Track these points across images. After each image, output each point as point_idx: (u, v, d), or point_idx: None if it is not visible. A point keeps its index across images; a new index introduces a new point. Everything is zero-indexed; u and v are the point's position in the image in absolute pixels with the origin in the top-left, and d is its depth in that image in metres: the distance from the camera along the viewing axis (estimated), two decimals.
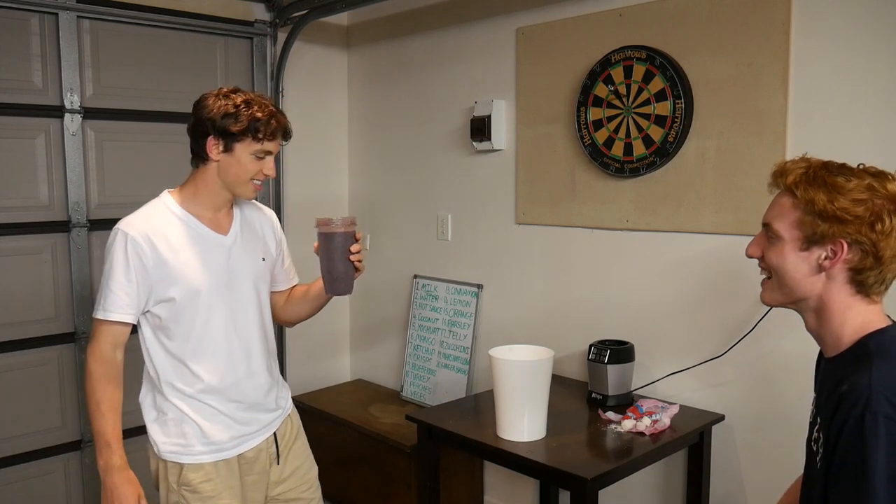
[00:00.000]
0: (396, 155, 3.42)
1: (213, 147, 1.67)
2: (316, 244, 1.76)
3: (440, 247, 3.25)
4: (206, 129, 1.66)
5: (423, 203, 3.29)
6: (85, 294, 2.86)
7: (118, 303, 1.64)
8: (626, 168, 2.50)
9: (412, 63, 3.31)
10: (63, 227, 2.82)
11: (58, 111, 2.77)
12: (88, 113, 2.84)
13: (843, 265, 1.19)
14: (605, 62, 2.52)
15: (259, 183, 1.73)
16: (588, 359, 2.46)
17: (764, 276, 1.32)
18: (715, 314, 2.36)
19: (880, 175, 1.19)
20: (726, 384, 2.34)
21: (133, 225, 1.67)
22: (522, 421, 2.10)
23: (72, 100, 2.79)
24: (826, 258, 1.20)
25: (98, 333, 1.67)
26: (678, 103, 2.34)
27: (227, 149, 1.67)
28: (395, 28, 3.37)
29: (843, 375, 1.17)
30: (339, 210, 3.65)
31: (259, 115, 1.66)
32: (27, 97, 2.71)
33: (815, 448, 1.20)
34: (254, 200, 1.89)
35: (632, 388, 2.46)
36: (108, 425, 1.65)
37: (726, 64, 2.26)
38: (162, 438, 1.75)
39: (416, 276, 3.34)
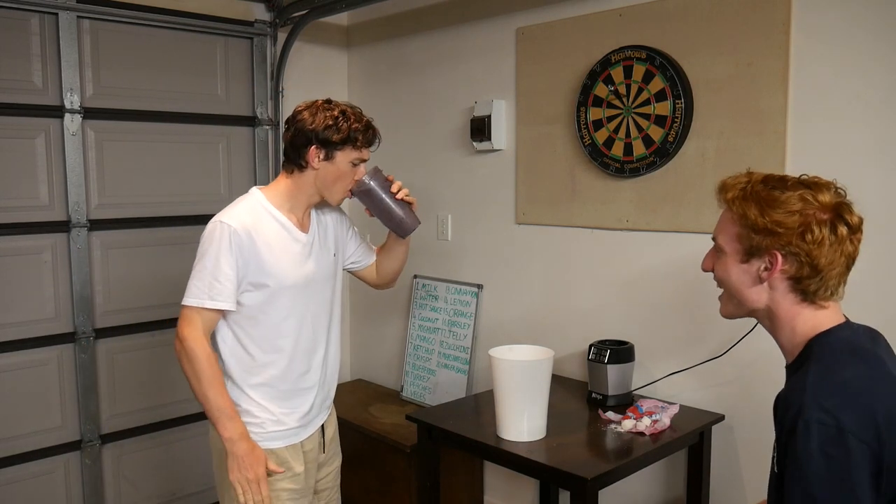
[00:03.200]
0: (396, 155, 3.42)
1: (315, 156, 1.79)
2: (366, 209, 1.92)
3: (440, 247, 3.25)
4: (308, 139, 1.78)
5: (424, 203, 3.27)
6: (85, 294, 2.87)
7: (224, 292, 1.72)
8: (626, 168, 2.50)
9: (412, 63, 3.31)
10: (63, 227, 2.82)
11: (58, 111, 2.77)
12: (88, 113, 2.84)
13: (781, 275, 1.22)
14: (605, 62, 2.52)
15: (351, 193, 1.88)
16: (588, 359, 2.46)
17: (722, 292, 1.36)
18: (715, 314, 2.34)
19: (815, 185, 1.23)
20: (726, 384, 2.34)
21: (235, 218, 1.75)
22: (522, 421, 2.09)
23: (72, 100, 2.79)
24: (765, 269, 1.23)
25: (196, 319, 1.73)
26: (678, 103, 2.34)
27: (328, 157, 1.79)
28: (395, 28, 3.37)
29: (789, 381, 1.21)
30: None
31: (356, 125, 1.80)
32: (27, 97, 2.71)
33: (773, 453, 1.22)
34: None
35: (632, 388, 2.46)
36: (227, 400, 1.74)
37: (726, 64, 2.26)
38: None
39: (416, 276, 3.34)
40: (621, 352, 2.41)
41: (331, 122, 1.77)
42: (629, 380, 2.44)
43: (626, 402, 2.38)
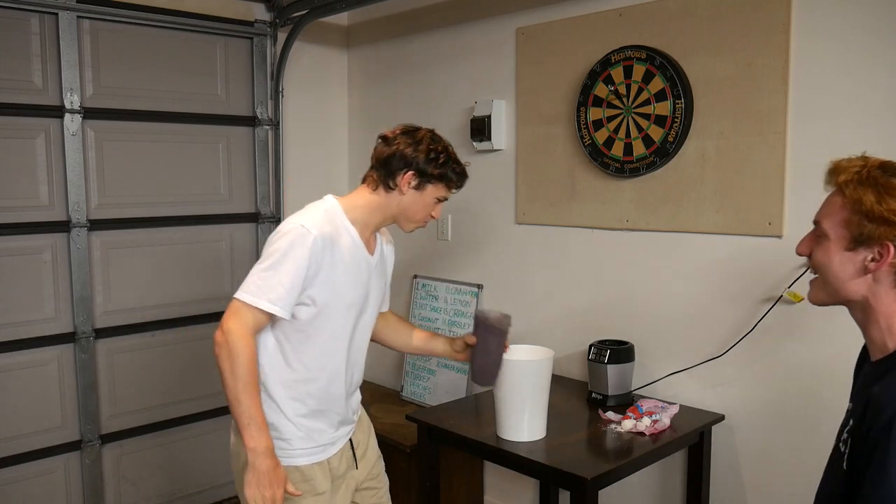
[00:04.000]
0: None
1: (408, 182, 1.75)
2: (472, 336, 1.91)
3: (440, 247, 3.25)
4: (407, 163, 1.75)
5: None
6: (85, 294, 2.87)
7: (284, 298, 1.63)
8: (626, 168, 2.50)
9: (412, 63, 3.31)
10: (63, 227, 2.82)
11: (58, 111, 2.77)
12: (88, 113, 2.84)
13: (889, 268, 1.16)
14: (605, 62, 2.52)
15: (425, 223, 1.86)
16: (588, 359, 2.46)
17: (812, 275, 1.28)
18: (715, 314, 2.35)
19: None
20: (726, 384, 2.34)
21: (317, 226, 1.67)
22: (522, 421, 2.09)
23: (72, 100, 2.79)
24: (872, 260, 1.16)
25: (246, 316, 1.63)
26: (678, 103, 2.34)
27: (420, 187, 1.77)
28: (395, 28, 3.37)
29: (880, 378, 1.15)
30: None
31: (456, 166, 1.80)
32: (27, 97, 2.71)
33: (842, 449, 1.19)
34: None
35: (632, 388, 2.46)
36: (260, 410, 1.64)
37: (726, 64, 2.26)
38: None
39: (415, 276, 3.34)
40: (621, 352, 2.41)
41: (433, 156, 1.75)
42: (629, 380, 2.44)
43: (626, 402, 2.38)
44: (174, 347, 3.14)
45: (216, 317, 3.23)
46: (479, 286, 3.06)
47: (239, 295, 1.65)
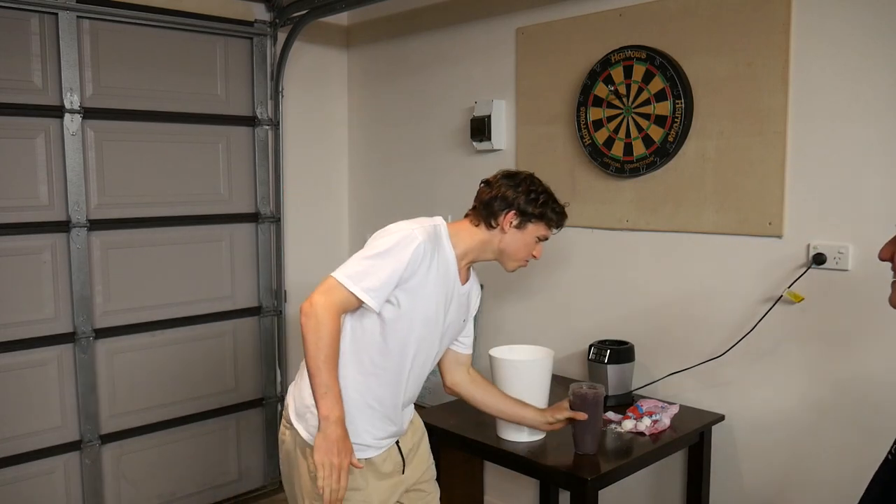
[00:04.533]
0: (396, 155, 3.42)
1: (510, 220, 1.82)
2: (575, 414, 1.98)
3: None
4: (509, 204, 1.82)
5: (423, 203, 3.28)
6: (85, 294, 2.87)
7: (378, 290, 1.68)
8: (626, 168, 2.50)
9: (412, 63, 3.31)
10: (63, 227, 2.82)
11: (58, 111, 2.77)
12: (88, 113, 2.84)
13: None
14: (606, 62, 2.52)
15: (526, 262, 1.90)
16: (588, 359, 2.46)
17: (893, 279, 1.23)
18: (715, 314, 2.35)
19: None
20: (726, 384, 2.34)
21: (424, 235, 1.73)
22: None
23: (71, 100, 2.79)
24: None
25: (338, 296, 1.67)
26: (678, 103, 2.34)
27: (521, 226, 1.83)
28: (395, 28, 3.37)
29: None
30: (338, 213, 3.66)
31: (556, 206, 1.86)
32: (27, 97, 2.71)
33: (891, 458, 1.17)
34: None
35: (632, 388, 2.46)
36: (337, 383, 1.67)
37: (726, 64, 2.26)
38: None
39: None
40: (621, 352, 2.41)
41: (534, 197, 1.82)
42: (629, 380, 2.44)
43: (626, 402, 2.38)
44: (174, 347, 3.14)
45: (216, 317, 3.26)
46: (480, 286, 3.05)
47: (336, 274, 1.68)
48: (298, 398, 1.82)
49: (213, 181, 3.21)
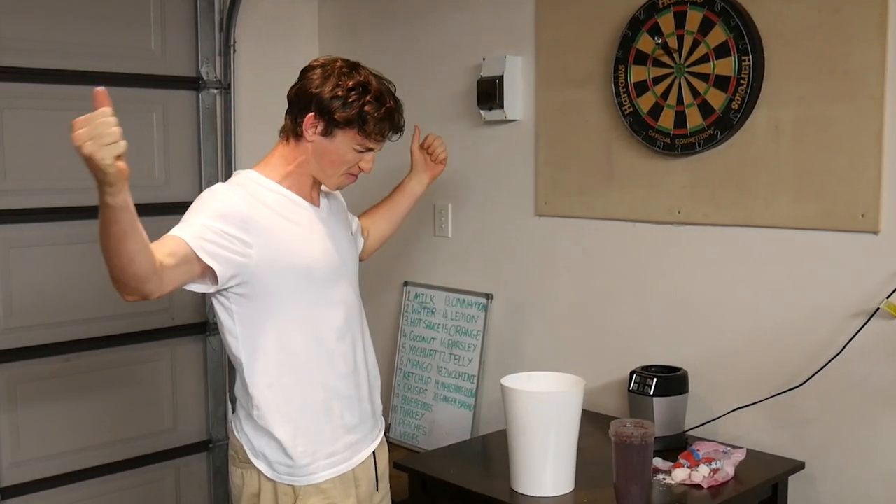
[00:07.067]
0: None
1: (311, 127, 1.83)
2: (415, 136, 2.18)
3: (438, 245, 3.25)
4: (308, 103, 1.83)
5: None
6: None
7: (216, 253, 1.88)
8: (678, 144, 2.50)
9: (402, 10, 3.31)
10: None
11: None
12: None
13: None
14: (651, 7, 2.52)
15: (353, 176, 1.92)
16: (629, 390, 2.46)
17: None
18: (792, 333, 2.35)
19: None
20: (807, 423, 2.34)
21: (228, 198, 1.87)
22: (545, 470, 2.10)
23: None
24: None
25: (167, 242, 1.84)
26: (745, 60, 2.34)
27: (327, 133, 1.85)
28: None
29: None
30: None
31: (371, 108, 1.82)
32: None
33: None
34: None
35: (685, 428, 2.46)
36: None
37: (807, 9, 2.26)
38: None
39: (406, 284, 3.34)
40: (671, 381, 2.42)
41: (340, 94, 1.79)
42: (681, 417, 2.45)
43: (677, 446, 2.39)
44: (94, 375, 3.15)
45: (148, 336, 3.26)
46: (489, 296, 3.06)
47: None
48: (254, 438, 1.96)
49: (144, 161, 3.22)
